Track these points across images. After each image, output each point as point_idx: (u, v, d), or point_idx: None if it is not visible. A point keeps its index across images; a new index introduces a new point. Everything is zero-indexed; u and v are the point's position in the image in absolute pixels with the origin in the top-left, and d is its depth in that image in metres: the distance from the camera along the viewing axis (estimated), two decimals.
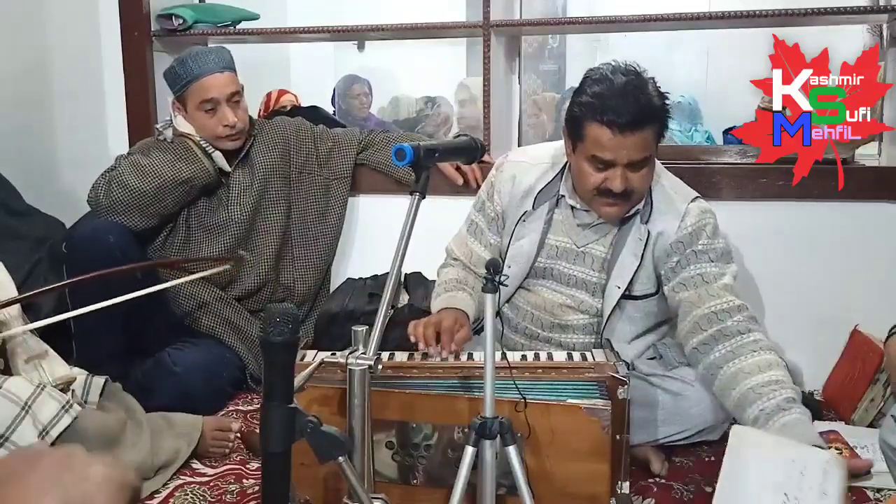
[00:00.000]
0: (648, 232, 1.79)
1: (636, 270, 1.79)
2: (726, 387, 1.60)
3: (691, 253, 1.76)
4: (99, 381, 1.80)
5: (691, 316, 1.71)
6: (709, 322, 1.68)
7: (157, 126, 2.35)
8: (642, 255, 1.79)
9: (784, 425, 1.47)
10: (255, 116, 2.78)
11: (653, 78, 1.71)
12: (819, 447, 1.39)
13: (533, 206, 1.88)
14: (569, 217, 1.86)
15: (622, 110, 1.62)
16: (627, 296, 1.82)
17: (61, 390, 1.70)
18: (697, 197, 1.84)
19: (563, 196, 1.85)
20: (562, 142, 1.84)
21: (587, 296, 1.87)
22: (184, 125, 2.26)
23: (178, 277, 2.14)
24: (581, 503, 1.50)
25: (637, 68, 1.70)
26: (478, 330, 1.91)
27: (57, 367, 1.76)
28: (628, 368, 1.67)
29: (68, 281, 1.97)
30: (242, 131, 2.29)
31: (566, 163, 1.84)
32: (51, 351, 1.78)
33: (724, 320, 1.66)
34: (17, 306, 1.73)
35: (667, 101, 1.70)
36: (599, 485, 1.49)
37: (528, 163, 1.92)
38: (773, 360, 1.59)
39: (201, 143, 2.25)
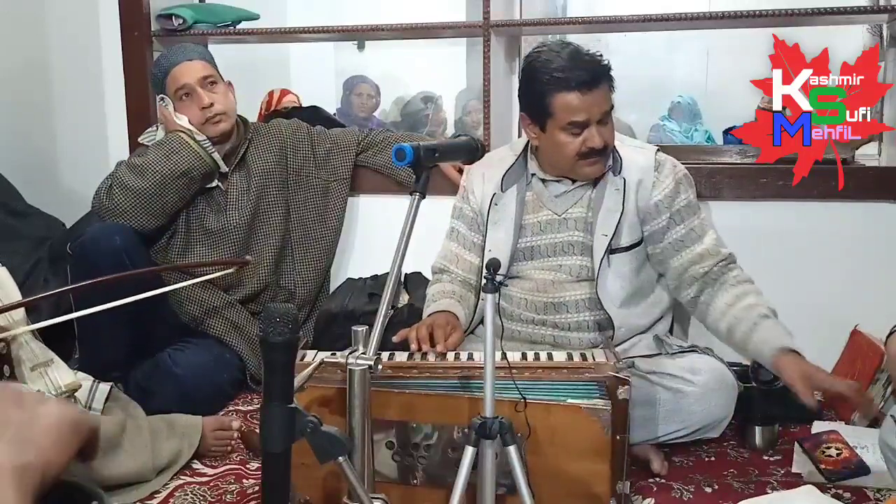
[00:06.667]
0: (624, 180, 1.88)
1: (619, 219, 1.86)
2: (716, 320, 1.83)
3: (675, 213, 1.90)
4: (104, 388, 1.80)
5: (686, 276, 1.89)
6: (693, 277, 1.88)
7: (144, 140, 2.35)
8: (623, 203, 1.87)
9: (759, 337, 1.72)
10: (254, 117, 2.79)
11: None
12: (788, 348, 1.66)
13: (502, 189, 1.96)
14: (542, 192, 1.94)
15: (581, 72, 1.77)
16: (614, 249, 1.87)
17: (67, 398, 1.69)
18: (657, 148, 1.96)
19: (533, 174, 1.94)
20: (513, 141, 1.97)
21: (576, 258, 1.90)
22: (182, 120, 2.26)
23: (184, 280, 2.17)
24: (581, 502, 1.50)
25: (563, 39, 1.88)
26: (471, 332, 1.93)
27: (63, 375, 1.74)
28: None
29: (75, 285, 1.97)
30: (225, 113, 2.27)
31: (525, 145, 1.96)
32: (56, 358, 1.76)
33: (708, 270, 1.87)
34: (21, 311, 1.72)
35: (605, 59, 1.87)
36: (600, 485, 1.49)
37: (492, 160, 2.04)
38: (744, 290, 1.83)
39: (194, 135, 2.24)
